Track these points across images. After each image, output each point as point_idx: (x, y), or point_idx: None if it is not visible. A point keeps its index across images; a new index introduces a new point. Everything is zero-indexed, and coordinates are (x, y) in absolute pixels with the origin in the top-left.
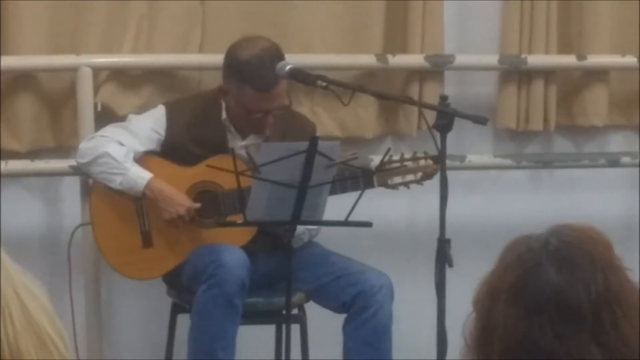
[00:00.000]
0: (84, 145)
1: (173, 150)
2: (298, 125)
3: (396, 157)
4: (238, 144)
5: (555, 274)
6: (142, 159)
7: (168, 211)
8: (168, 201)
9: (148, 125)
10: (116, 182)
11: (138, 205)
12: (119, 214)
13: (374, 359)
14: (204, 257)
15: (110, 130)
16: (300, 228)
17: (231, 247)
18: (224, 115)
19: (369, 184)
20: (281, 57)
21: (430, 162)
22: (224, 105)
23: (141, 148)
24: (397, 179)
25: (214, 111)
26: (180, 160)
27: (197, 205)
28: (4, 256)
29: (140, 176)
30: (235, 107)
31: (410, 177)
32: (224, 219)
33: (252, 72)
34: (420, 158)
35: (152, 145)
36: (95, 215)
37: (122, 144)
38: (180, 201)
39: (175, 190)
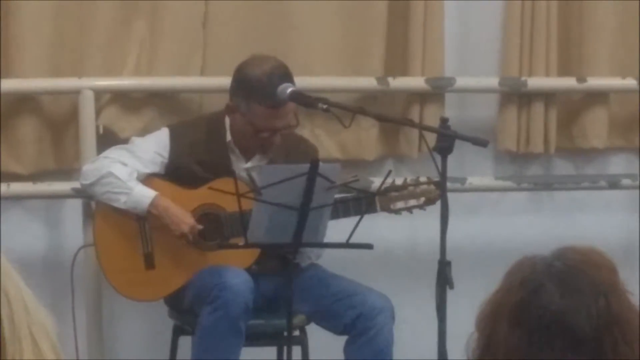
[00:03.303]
0: (87, 167)
1: (177, 172)
2: (301, 148)
3: (399, 182)
4: (242, 166)
5: (558, 297)
6: (145, 181)
7: (172, 228)
8: (173, 218)
9: (151, 148)
10: (121, 201)
11: (141, 227)
12: (122, 235)
13: None
14: (208, 279)
15: (113, 152)
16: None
17: (236, 269)
18: (228, 137)
19: (371, 209)
20: (290, 77)
21: (432, 187)
22: (228, 126)
23: (144, 170)
24: (400, 204)
25: (218, 133)
26: (184, 183)
27: (200, 227)
28: (25, 289)
29: (145, 195)
30: (242, 125)
31: (413, 202)
32: (227, 242)
33: (262, 89)
34: (423, 183)
35: (156, 168)
36: (99, 237)
37: (125, 165)
38: (185, 219)
39: (180, 209)
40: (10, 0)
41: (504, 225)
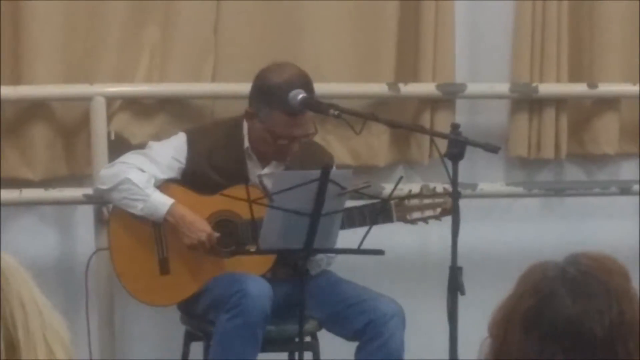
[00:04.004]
0: (104, 172)
1: (193, 178)
2: (317, 155)
3: (415, 191)
4: (258, 173)
5: (571, 303)
6: (162, 186)
7: (189, 237)
8: (190, 226)
9: (169, 153)
10: (137, 208)
11: (156, 232)
12: (137, 240)
13: None
14: (227, 286)
15: (131, 157)
16: (319, 254)
17: (256, 277)
18: (246, 143)
19: (388, 218)
20: (310, 85)
21: (448, 198)
22: (246, 132)
23: (162, 176)
24: (416, 214)
25: (236, 139)
26: (200, 189)
27: (217, 234)
28: (39, 295)
29: (162, 202)
30: (260, 132)
31: (429, 212)
32: (242, 248)
33: (283, 96)
34: (439, 194)
35: (173, 174)
36: (114, 241)
37: (142, 171)
38: (202, 227)
39: (197, 216)
40: (22, 8)
41: (515, 231)
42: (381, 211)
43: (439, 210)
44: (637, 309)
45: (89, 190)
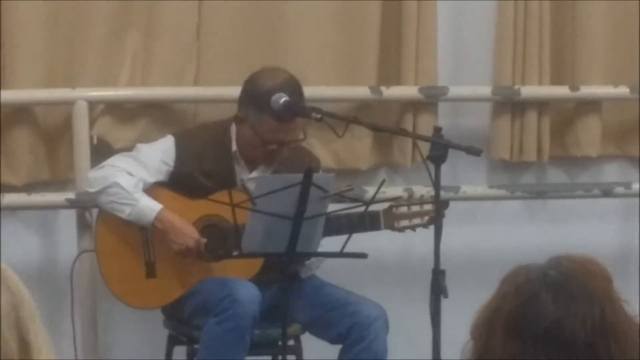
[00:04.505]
0: (92, 174)
1: (181, 181)
2: (305, 159)
3: (398, 195)
4: (246, 177)
5: (552, 306)
6: (149, 190)
7: (177, 243)
8: (178, 233)
9: (157, 156)
10: (125, 212)
11: (143, 235)
12: (124, 242)
13: None
14: (215, 291)
15: (120, 160)
16: (310, 259)
17: (245, 281)
18: (234, 147)
19: (375, 226)
20: (300, 90)
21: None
22: (233, 136)
23: (150, 179)
24: (404, 222)
25: (224, 143)
26: (188, 192)
27: (204, 240)
28: (32, 305)
29: (150, 207)
30: (249, 136)
31: (417, 220)
32: (229, 252)
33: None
34: (428, 202)
35: (161, 177)
36: (101, 244)
37: (131, 174)
38: (190, 233)
39: (185, 222)
40: (4, 12)
41: (497, 233)
42: (369, 219)
43: (426, 218)
44: (619, 312)
45: (71, 195)
